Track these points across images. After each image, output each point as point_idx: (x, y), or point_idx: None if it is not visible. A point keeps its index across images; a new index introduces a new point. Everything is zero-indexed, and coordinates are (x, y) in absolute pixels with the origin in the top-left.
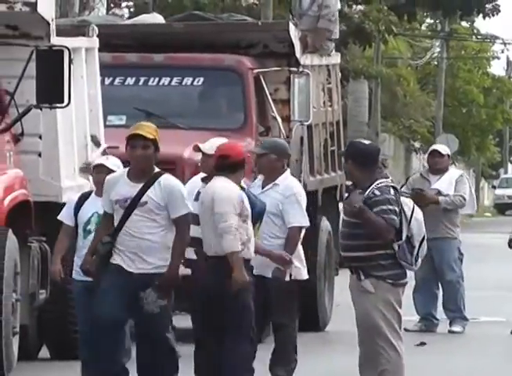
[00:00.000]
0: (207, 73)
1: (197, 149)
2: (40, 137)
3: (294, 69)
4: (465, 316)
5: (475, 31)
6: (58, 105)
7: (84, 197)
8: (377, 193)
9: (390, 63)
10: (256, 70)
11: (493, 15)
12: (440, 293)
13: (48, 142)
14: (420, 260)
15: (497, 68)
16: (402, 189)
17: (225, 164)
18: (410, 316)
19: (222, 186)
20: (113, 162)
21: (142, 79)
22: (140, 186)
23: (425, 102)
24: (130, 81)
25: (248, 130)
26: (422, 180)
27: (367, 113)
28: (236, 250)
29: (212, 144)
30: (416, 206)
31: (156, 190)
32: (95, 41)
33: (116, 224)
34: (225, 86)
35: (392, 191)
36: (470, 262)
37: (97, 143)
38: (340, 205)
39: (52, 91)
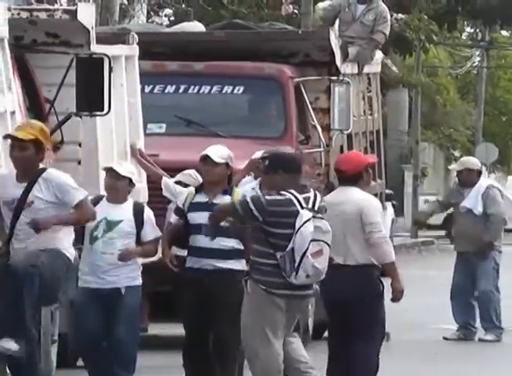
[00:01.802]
0: (248, 81)
1: (204, 158)
2: (80, 145)
3: (335, 78)
4: (499, 326)
5: None
6: (98, 113)
7: (95, 201)
8: (262, 195)
9: (430, 71)
10: (296, 79)
11: None
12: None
13: (88, 150)
14: (302, 273)
15: None
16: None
17: (356, 175)
18: (450, 324)
19: (366, 196)
20: (126, 168)
21: (182, 87)
22: (25, 185)
23: (465, 111)
24: (170, 89)
25: (288, 139)
26: (457, 194)
27: (407, 122)
28: (394, 260)
29: (220, 153)
30: (310, 221)
31: (43, 188)
32: (135, 49)
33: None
34: (265, 95)
35: (288, 204)
36: (508, 270)
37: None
38: None
39: (91, 99)
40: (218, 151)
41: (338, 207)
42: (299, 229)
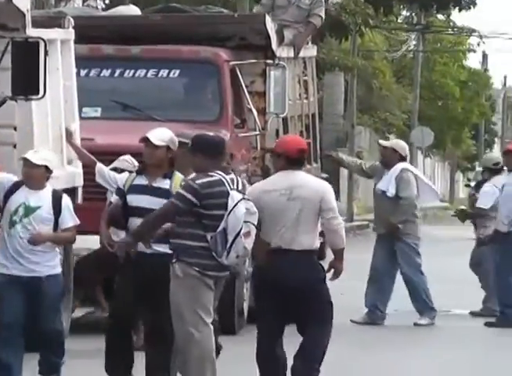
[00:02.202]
0: (184, 65)
1: (145, 140)
2: (15, 129)
3: (270, 61)
4: (431, 306)
5: (451, 24)
6: (33, 97)
7: (16, 186)
8: (191, 181)
9: (366, 55)
10: (232, 63)
11: (469, 8)
12: (398, 287)
13: (24, 134)
14: (233, 254)
15: (473, 61)
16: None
17: (303, 159)
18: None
19: (320, 180)
20: (41, 156)
21: (118, 71)
22: None
23: (401, 95)
24: (106, 72)
25: (224, 122)
26: (379, 174)
27: (343, 105)
28: (344, 246)
29: (161, 135)
30: (241, 202)
31: None
32: (70, 33)
33: None
34: (201, 78)
35: (219, 184)
36: (442, 256)
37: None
38: None
39: (27, 82)
40: (158, 134)
41: (292, 191)
42: (232, 209)
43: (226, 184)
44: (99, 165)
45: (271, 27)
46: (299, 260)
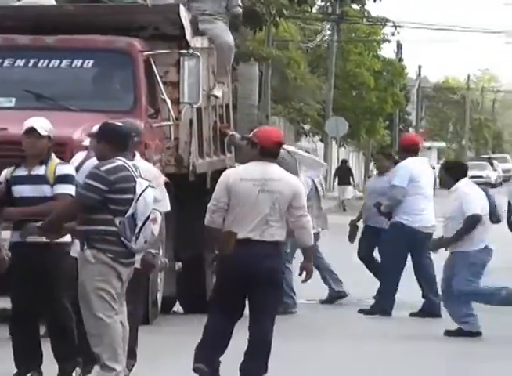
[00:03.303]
0: (97, 55)
1: (30, 130)
2: None
3: (184, 51)
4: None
5: (366, 14)
6: None
7: None
8: (93, 168)
9: (281, 45)
10: (146, 53)
11: None
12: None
13: None
14: (141, 239)
15: (388, 51)
16: None
17: (278, 151)
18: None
19: (294, 177)
20: None
21: (32, 61)
22: None
23: (315, 85)
24: (20, 62)
25: (138, 112)
26: None
27: (257, 96)
28: (312, 244)
29: (44, 125)
30: (149, 188)
31: None
32: None
33: None
34: (115, 68)
35: (123, 169)
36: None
37: None
38: None
39: None
40: (42, 124)
41: (266, 184)
42: (141, 194)
43: (130, 169)
44: None
45: (185, 17)
46: (268, 251)
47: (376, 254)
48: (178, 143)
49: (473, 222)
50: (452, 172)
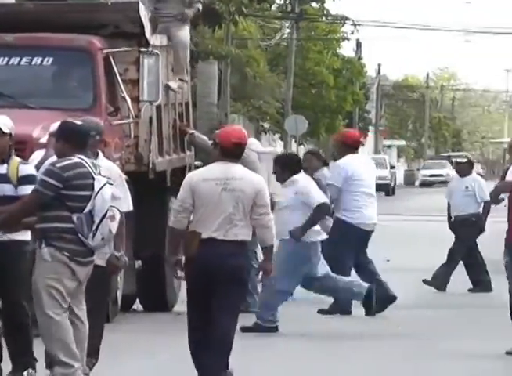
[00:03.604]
0: (57, 53)
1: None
2: None
3: (144, 49)
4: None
5: (325, 12)
6: None
7: None
8: (49, 165)
9: (240, 44)
10: (106, 51)
11: None
12: None
13: None
14: (99, 236)
15: (347, 49)
16: None
17: (238, 151)
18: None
19: (257, 176)
20: None
21: None
22: None
23: (275, 83)
24: None
25: (97, 110)
26: None
27: (217, 94)
28: (273, 243)
29: (7, 123)
30: (107, 185)
31: None
32: None
33: None
34: (74, 66)
35: (80, 166)
36: None
37: None
38: None
39: None
40: (5, 121)
41: (228, 183)
42: (99, 191)
43: (88, 166)
44: None
45: (144, 15)
46: (232, 250)
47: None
48: (138, 141)
49: (322, 210)
50: (286, 166)
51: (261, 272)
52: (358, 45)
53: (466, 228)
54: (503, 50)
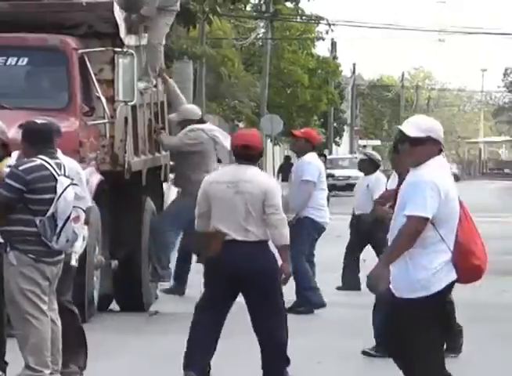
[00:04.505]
0: (32, 53)
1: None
2: None
3: (119, 49)
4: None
5: (300, 12)
6: None
7: None
8: (12, 167)
9: (214, 43)
10: (80, 51)
11: None
12: None
13: None
14: (63, 238)
15: (322, 49)
16: None
17: (249, 154)
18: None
19: (269, 177)
20: None
21: None
22: None
23: (250, 83)
24: None
25: (72, 110)
26: None
27: (192, 93)
28: (288, 242)
29: None
30: (70, 187)
31: None
32: None
33: None
34: (49, 66)
35: (42, 169)
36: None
37: None
38: (165, 185)
39: None
40: None
41: (238, 185)
42: (61, 194)
43: (51, 168)
44: None
45: (119, 14)
46: (254, 251)
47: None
48: (114, 141)
49: None
50: None
51: (282, 275)
52: (333, 44)
53: (365, 226)
54: (478, 50)
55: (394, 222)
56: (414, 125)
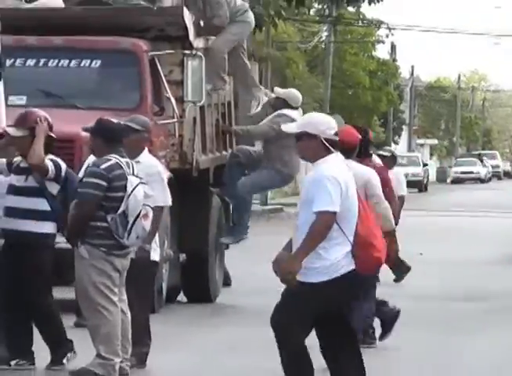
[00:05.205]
0: (104, 55)
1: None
2: None
3: (188, 52)
4: None
5: (361, 16)
6: None
7: None
8: (91, 166)
9: (279, 46)
10: (151, 53)
11: (378, 1)
12: None
13: None
14: (133, 235)
15: (382, 52)
16: None
17: (343, 150)
18: None
19: (368, 169)
20: None
21: (42, 61)
22: None
23: (313, 84)
24: (30, 62)
25: (143, 110)
26: None
27: None
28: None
29: None
30: (140, 185)
31: None
32: None
33: None
34: (121, 68)
35: (118, 168)
36: None
37: None
38: None
39: None
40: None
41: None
42: (132, 192)
43: (123, 167)
44: None
45: (189, 18)
46: None
47: None
48: (183, 140)
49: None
50: None
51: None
52: (393, 47)
53: None
54: None
55: (299, 218)
56: (297, 122)
